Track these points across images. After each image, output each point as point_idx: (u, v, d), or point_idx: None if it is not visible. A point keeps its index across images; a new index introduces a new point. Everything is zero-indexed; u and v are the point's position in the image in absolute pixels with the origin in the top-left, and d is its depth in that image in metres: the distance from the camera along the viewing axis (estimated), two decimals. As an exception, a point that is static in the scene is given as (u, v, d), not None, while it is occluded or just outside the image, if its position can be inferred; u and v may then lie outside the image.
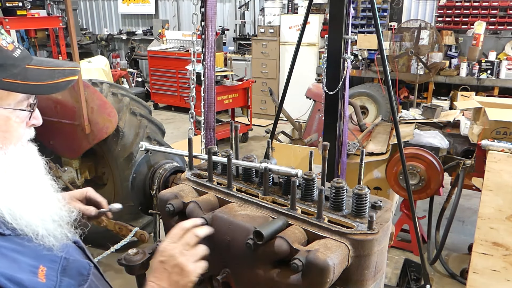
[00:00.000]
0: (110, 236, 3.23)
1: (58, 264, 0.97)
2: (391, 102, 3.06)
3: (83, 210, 1.42)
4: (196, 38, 2.79)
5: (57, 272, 0.96)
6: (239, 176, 1.48)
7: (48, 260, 0.96)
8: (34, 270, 0.91)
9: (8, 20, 7.15)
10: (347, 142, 3.63)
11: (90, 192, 1.46)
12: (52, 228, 0.99)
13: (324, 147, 1.30)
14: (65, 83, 1.03)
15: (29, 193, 0.98)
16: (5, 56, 0.94)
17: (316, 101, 4.75)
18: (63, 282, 0.95)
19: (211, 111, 2.81)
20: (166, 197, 1.41)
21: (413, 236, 3.64)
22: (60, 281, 0.95)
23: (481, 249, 2.65)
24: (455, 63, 6.86)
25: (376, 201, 1.27)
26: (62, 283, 0.95)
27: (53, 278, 0.94)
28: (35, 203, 0.98)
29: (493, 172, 2.72)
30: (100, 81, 3.71)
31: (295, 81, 4.15)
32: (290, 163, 2.81)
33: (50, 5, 11.85)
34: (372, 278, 1.18)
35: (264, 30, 8.23)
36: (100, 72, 7.27)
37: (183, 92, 8.61)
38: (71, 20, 3.19)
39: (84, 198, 1.46)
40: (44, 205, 1.00)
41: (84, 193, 1.45)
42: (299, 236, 1.17)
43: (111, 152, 3.44)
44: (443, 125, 4.15)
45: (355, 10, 7.43)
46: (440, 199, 4.03)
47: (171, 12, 10.62)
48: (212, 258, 1.33)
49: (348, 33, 3.16)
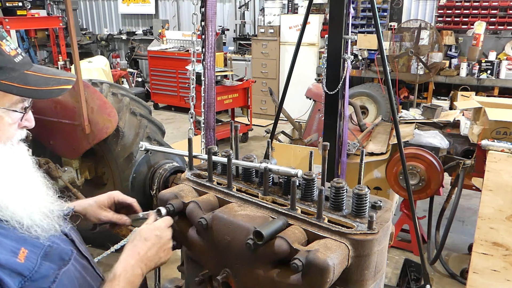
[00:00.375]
0: (110, 236, 3.22)
1: (41, 250, 1.02)
2: (391, 102, 3.06)
3: (116, 220, 1.44)
4: (196, 38, 2.79)
5: (38, 256, 1.01)
6: (239, 176, 1.48)
7: (31, 244, 1.01)
8: (15, 251, 0.97)
9: (8, 20, 7.17)
10: (347, 142, 3.63)
11: (118, 196, 1.46)
12: (38, 219, 1.04)
13: (324, 147, 1.30)
14: (59, 90, 1.12)
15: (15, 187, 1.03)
16: (6, 60, 1.02)
17: (316, 101, 4.75)
18: (43, 265, 1.01)
19: (211, 111, 2.81)
20: (166, 197, 1.41)
21: (413, 236, 3.64)
22: (40, 264, 1.00)
23: (481, 249, 2.65)
24: (455, 63, 6.86)
25: (376, 201, 1.26)
26: (42, 266, 1.00)
27: (32, 261, 0.99)
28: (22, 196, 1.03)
29: (493, 172, 2.72)
30: (100, 81, 3.71)
31: (295, 81, 4.15)
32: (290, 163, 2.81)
33: (50, 5, 11.85)
34: (372, 278, 1.18)
35: (264, 30, 8.23)
36: (100, 72, 7.26)
37: (183, 92, 8.60)
38: (71, 20, 3.18)
39: (112, 204, 1.47)
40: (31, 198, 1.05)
41: (112, 199, 1.45)
42: (299, 236, 1.17)
43: (111, 152, 3.43)
44: (443, 125, 4.15)
45: (355, 10, 7.43)
46: (440, 199, 4.03)
47: (171, 12, 10.62)
48: (212, 258, 1.33)
49: (348, 33, 3.16)
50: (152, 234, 1.24)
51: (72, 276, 1.08)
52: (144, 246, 1.21)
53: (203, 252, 1.35)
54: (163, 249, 1.25)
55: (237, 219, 1.24)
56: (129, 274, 1.15)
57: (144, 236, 1.23)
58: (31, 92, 1.06)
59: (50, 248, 1.04)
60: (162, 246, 1.24)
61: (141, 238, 1.22)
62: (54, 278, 1.01)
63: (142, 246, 1.21)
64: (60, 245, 1.09)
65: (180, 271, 1.63)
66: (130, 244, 1.22)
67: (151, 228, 1.26)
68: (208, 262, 1.36)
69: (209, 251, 1.32)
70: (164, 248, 1.25)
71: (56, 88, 1.11)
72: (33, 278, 0.97)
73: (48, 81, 1.10)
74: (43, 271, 1.00)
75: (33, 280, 0.97)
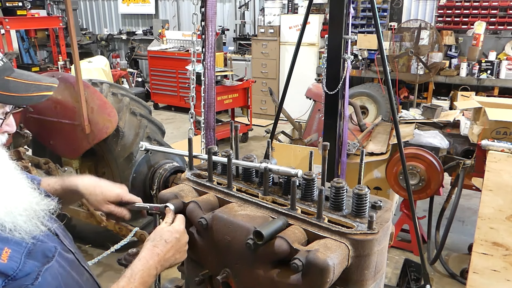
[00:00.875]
0: (110, 236, 3.23)
1: (25, 248, 1.02)
2: (391, 102, 3.06)
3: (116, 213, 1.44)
4: (196, 38, 2.79)
5: (22, 254, 1.01)
6: (239, 176, 1.48)
7: (15, 243, 1.01)
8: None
9: (8, 20, 7.16)
10: (347, 142, 3.63)
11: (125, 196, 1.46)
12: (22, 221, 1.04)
13: (324, 147, 1.30)
14: (39, 97, 1.13)
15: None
16: None
17: (316, 101, 4.75)
18: (27, 263, 1.01)
19: (211, 111, 2.81)
20: (166, 197, 1.41)
21: (413, 236, 3.64)
22: (23, 263, 1.00)
23: (481, 249, 2.65)
24: (455, 63, 6.86)
25: (376, 201, 1.26)
26: (26, 264, 1.01)
27: (16, 260, 0.99)
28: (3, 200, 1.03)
29: (493, 172, 2.72)
30: (100, 81, 3.71)
31: (295, 81, 4.15)
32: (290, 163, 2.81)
33: (50, 5, 11.85)
34: (372, 278, 1.18)
35: (264, 30, 8.23)
36: (100, 72, 7.26)
37: (183, 92, 8.60)
38: (71, 20, 3.19)
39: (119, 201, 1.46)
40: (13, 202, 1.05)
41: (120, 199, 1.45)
42: (299, 236, 1.17)
43: (111, 152, 3.44)
44: (443, 125, 4.15)
45: (355, 10, 7.43)
46: (440, 199, 4.03)
47: (171, 12, 10.62)
48: (212, 258, 1.33)
49: (348, 33, 3.16)
50: (173, 236, 1.25)
51: (56, 272, 1.08)
52: (164, 248, 1.22)
53: (203, 252, 1.35)
54: (179, 251, 1.27)
55: (237, 219, 1.24)
56: (145, 274, 1.17)
57: (165, 238, 1.24)
58: (11, 98, 1.06)
59: (34, 246, 1.05)
60: (179, 248, 1.26)
61: (162, 240, 1.23)
62: (36, 275, 1.02)
63: (162, 248, 1.22)
64: (44, 242, 1.09)
65: (180, 271, 1.63)
66: (151, 243, 1.23)
67: (172, 230, 1.27)
68: (208, 262, 1.36)
69: (209, 251, 1.33)
70: (180, 250, 1.27)
71: (36, 94, 1.12)
72: (16, 277, 0.98)
73: (28, 87, 1.10)
74: (27, 269, 1.01)
75: (16, 279, 0.98)
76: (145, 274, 1.17)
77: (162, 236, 1.25)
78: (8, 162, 1.10)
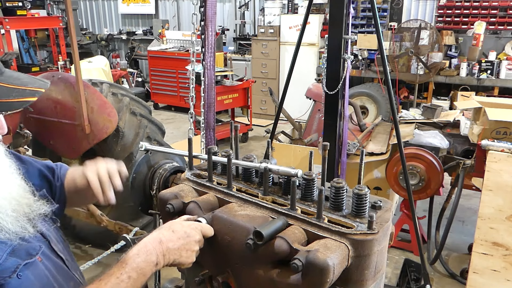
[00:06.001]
0: (110, 236, 3.23)
1: (8, 247, 1.03)
2: (391, 102, 3.06)
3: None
4: (196, 38, 2.79)
5: (5, 252, 1.01)
6: (239, 176, 1.48)
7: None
8: None
9: (8, 20, 7.16)
10: (347, 142, 3.63)
11: None
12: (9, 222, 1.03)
13: (324, 147, 1.30)
14: (20, 103, 1.08)
15: None
16: None
17: (316, 101, 4.75)
18: (8, 260, 1.01)
19: (211, 111, 2.82)
20: (166, 197, 1.41)
21: (413, 236, 3.64)
22: (5, 259, 1.01)
23: (481, 249, 2.65)
24: (455, 63, 6.86)
25: (376, 201, 1.26)
26: (7, 260, 1.01)
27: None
28: None
29: (493, 172, 2.72)
30: (100, 81, 3.71)
31: (295, 81, 4.15)
32: (290, 163, 2.81)
33: (50, 5, 11.85)
34: (372, 278, 1.18)
35: (264, 30, 8.23)
36: (100, 72, 7.26)
37: (183, 92, 8.61)
38: (71, 20, 3.19)
39: None
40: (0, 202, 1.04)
41: None
42: (299, 236, 1.17)
43: (111, 152, 3.44)
44: (443, 125, 4.15)
45: (355, 10, 7.43)
46: (440, 199, 4.03)
47: (171, 12, 10.62)
48: (212, 258, 1.33)
49: (348, 33, 3.16)
50: (182, 229, 1.17)
51: (42, 274, 1.08)
52: (168, 235, 1.15)
53: (203, 252, 1.35)
54: (186, 248, 1.16)
55: (237, 219, 1.24)
56: (140, 259, 1.08)
57: (172, 227, 1.17)
58: None
59: (19, 246, 1.04)
60: (186, 245, 1.16)
61: (169, 228, 1.17)
62: (15, 268, 1.01)
63: (166, 234, 1.15)
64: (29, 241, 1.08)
65: (180, 271, 1.63)
66: (156, 231, 1.17)
67: (183, 224, 1.20)
68: (208, 262, 1.36)
69: (209, 251, 1.33)
70: (187, 248, 1.17)
71: (17, 100, 1.07)
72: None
73: (10, 92, 1.06)
74: (7, 265, 1.00)
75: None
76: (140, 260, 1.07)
77: (171, 226, 1.19)
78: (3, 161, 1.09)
